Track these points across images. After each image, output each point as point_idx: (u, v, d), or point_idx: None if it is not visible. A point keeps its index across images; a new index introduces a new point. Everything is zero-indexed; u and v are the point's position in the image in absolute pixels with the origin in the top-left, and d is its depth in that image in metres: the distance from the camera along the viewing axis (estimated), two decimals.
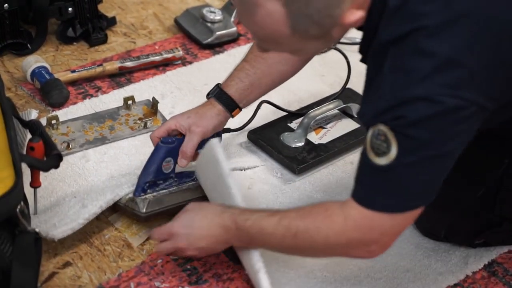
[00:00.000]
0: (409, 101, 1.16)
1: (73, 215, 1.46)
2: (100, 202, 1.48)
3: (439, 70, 1.16)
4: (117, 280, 1.42)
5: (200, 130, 1.52)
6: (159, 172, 1.52)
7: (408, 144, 1.18)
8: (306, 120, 1.72)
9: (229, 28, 2.05)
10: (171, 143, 1.51)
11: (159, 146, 1.52)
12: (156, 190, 1.53)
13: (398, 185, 1.22)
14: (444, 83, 1.16)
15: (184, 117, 1.54)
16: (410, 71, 1.17)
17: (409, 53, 1.17)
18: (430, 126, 1.17)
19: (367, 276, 1.46)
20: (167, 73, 1.92)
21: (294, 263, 1.46)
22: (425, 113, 1.16)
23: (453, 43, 1.16)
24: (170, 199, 1.53)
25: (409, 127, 1.17)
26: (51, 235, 1.41)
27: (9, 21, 1.89)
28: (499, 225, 1.47)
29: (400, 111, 1.17)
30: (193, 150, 1.52)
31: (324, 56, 2.01)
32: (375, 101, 1.22)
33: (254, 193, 1.61)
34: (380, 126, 1.19)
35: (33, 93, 1.82)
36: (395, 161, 1.19)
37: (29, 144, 1.38)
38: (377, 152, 1.20)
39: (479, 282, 1.48)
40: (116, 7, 2.17)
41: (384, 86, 1.20)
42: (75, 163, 1.63)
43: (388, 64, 1.20)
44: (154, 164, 1.52)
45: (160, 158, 1.51)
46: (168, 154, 1.52)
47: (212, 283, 1.43)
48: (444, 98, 1.15)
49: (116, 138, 1.71)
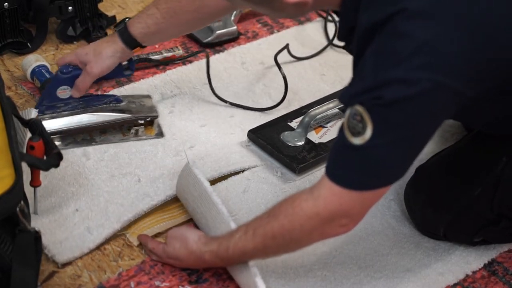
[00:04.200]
0: (387, 83, 1.18)
1: (78, 239, 1.46)
2: (105, 231, 1.47)
3: (416, 53, 1.17)
4: (117, 279, 1.42)
5: (95, 71, 1.64)
6: (53, 97, 1.66)
7: (383, 125, 1.20)
8: (307, 119, 1.72)
9: (229, 27, 2.05)
10: (66, 73, 1.66)
11: (56, 75, 1.68)
12: (57, 112, 1.66)
13: (370, 165, 1.24)
14: (421, 65, 1.17)
15: (83, 54, 1.65)
16: (389, 53, 1.19)
17: (388, 36, 1.19)
18: (405, 107, 1.19)
19: (367, 275, 1.46)
20: (167, 72, 1.92)
21: (293, 263, 1.46)
22: (400, 94, 1.18)
23: (431, 26, 1.18)
24: (69, 120, 1.66)
25: (385, 108, 1.19)
26: (56, 259, 1.42)
27: (9, 20, 1.89)
28: (497, 223, 1.47)
29: (377, 92, 1.19)
30: (86, 87, 1.67)
31: (324, 56, 2.01)
32: (355, 83, 1.24)
33: (253, 193, 1.61)
34: (357, 106, 1.21)
35: (33, 92, 1.82)
36: (369, 142, 1.21)
37: (29, 143, 1.38)
38: (353, 132, 1.22)
39: (479, 282, 1.48)
40: (116, 6, 2.16)
41: (365, 68, 1.22)
42: (75, 162, 1.63)
43: (371, 48, 1.22)
44: (48, 91, 1.67)
45: (54, 86, 1.66)
46: (63, 82, 1.66)
47: (212, 282, 1.43)
48: (420, 80, 1.17)
49: (105, 141, 1.69)
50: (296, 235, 1.31)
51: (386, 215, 1.58)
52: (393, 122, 1.20)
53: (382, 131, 1.20)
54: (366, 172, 1.25)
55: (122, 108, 1.71)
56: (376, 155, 1.22)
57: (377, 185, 1.26)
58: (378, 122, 1.20)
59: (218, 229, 1.41)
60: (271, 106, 1.82)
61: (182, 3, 1.61)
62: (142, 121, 1.71)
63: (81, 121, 1.67)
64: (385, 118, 1.20)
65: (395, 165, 1.25)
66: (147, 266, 1.44)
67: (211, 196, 1.44)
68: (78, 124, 1.66)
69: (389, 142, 1.21)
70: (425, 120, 1.22)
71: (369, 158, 1.23)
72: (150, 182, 1.59)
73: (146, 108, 1.73)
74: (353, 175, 1.25)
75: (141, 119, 1.71)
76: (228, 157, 1.68)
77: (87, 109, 1.68)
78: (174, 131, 1.74)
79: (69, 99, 1.67)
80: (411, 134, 1.22)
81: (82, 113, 1.67)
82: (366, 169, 1.24)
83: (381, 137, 1.21)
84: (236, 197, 1.59)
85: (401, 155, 1.24)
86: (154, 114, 1.73)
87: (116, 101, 1.72)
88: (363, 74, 1.22)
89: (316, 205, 1.28)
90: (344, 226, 1.30)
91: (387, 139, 1.21)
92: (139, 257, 1.46)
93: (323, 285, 1.43)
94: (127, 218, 1.51)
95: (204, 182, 1.46)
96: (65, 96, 1.66)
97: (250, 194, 1.61)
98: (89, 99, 1.70)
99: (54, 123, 1.64)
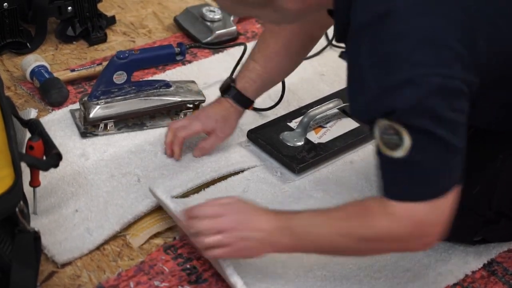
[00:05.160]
0: (395, 88, 1.17)
1: (78, 240, 1.46)
2: (105, 232, 1.47)
3: (415, 51, 1.16)
4: (117, 279, 1.42)
5: (224, 136, 1.67)
6: (109, 82, 1.67)
7: (416, 131, 1.18)
8: (306, 119, 1.72)
9: (228, 27, 2.05)
10: (122, 58, 1.66)
11: (112, 60, 1.68)
12: (111, 97, 1.68)
13: (423, 172, 1.22)
14: (423, 63, 1.16)
15: (212, 122, 1.64)
16: (388, 56, 1.18)
17: (383, 38, 1.18)
18: (425, 108, 1.17)
19: (367, 275, 1.46)
20: (166, 72, 1.92)
21: (293, 263, 1.46)
22: (414, 97, 1.16)
23: (424, 23, 1.17)
24: (123, 106, 1.69)
25: (408, 115, 1.17)
26: (56, 259, 1.42)
27: (8, 20, 1.89)
28: (496, 222, 1.47)
29: (390, 101, 1.17)
30: (212, 149, 1.67)
31: (324, 55, 2.01)
32: (362, 94, 1.22)
33: (253, 193, 1.61)
34: (383, 121, 1.19)
35: (32, 92, 1.82)
36: (411, 150, 1.19)
37: (29, 143, 1.38)
38: (391, 146, 1.20)
39: (479, 282, 1.48)
40: (116, 6, 2.16)
41: (366, 76, 1.20)
42: (74, 162, 1.63)
43: (365, 51, 1.20)
44: (105, 76, 1.68)
45: (111, 71, 1.67)
46: (119, 68, 1.67)
47: (212, 282, 1.43)
48: (426, 78, 1.16)
49: (155, 125, 1.74)
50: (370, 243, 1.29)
51: None
52: (423, 124, 1.18)
53: (418, 136, 1.18)
54: (423, 180, 1.22)
55: (171, 93, 1.75)
56: (424, 159, 1.20)
57: (442, 189, 1.23)
58: (410, 129, 1.18)
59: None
60: (270, 106, 1.82)
61: (271, 46, 1.63)
62: (191, 105, 1.76)
63: (134, 106, 1.70)
64: (413, 124, 1.17)
65: (447, 163, 1.22)
66: (147, 266, 1.44)
67: (175, 215, 1.45)
68: (131, 109, 1.70)
69: (430, 144, 1.19)
70: (450, 112, 1.19)
71: (419, 165, 1.21)
72: (150, 182, 1.59)
73: (194, 92, 1.78)
74: (414, 187, 1.23)
75: (190, 103, 1.76)
76: (227, 157, 1.68)
77: (139, 94, 1.71)
78: None
79: (123, 84, 1.69)
80: (446, 129, 1.19)
81: (135, 98, 1.70)
82: (422, 177, 1.22)
83: (421, 141, 1.18)
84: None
85: (448, 152, 1.21)
86: (201, 98, 1.77)
87: (166, 86, 1.75)
88: (367, 82, 1.20)
89: (390, 225, 1.25)
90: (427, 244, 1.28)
91: (426, 142, 1.19)
92: (139, 257, 1.46)
93: (323, 285, 1.43)
94: (127, 220, 1.50)
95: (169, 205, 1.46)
96: (120, 81, 1.68)
97: (250, 194, 1.60)
98: (140, 84, 1.73)
99: (109, 108, 1.68)
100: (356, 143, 1.74)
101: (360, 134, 1.74)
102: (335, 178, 1.67)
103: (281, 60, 1.65)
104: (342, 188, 1.64)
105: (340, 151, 1.71)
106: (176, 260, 1.46)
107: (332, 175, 1.68)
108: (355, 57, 1.23)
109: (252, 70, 1.65)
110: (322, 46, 2.03)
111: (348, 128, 1.76)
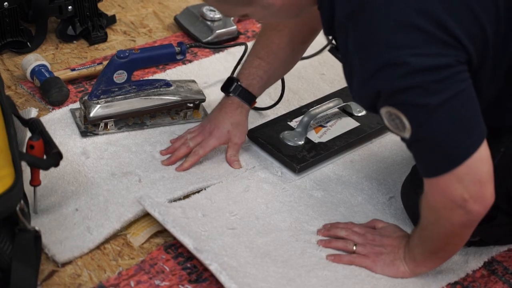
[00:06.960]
0: (376, 72, 1.23)
1: (78, 239, 1.46)
2: (105, 231, 1.47)
3: (391, 35, 1.22)
4: (117, 278, 1.42)
5: (241, 141, 1.68)
6: (110, 82, 1.67)
7: (408, 109, 1.25)
8: (306, 119, 1.72)
9: (228, 26, 2.05)
10: (123, 58, 1.66)
11: (112, 60, 1.67)
12: (111, 96, 1.68)
13: (435, 145, 1.27)
14: (402, 45, 1.22)
15: (224, 132, 1.65)
16: (368, 42, 1.24)
17: (362, 25, 1.24)
18: (409, 86, 1.22)
19: (368, 275, 1.45)
20: (167, 72, 1.92)
21: (294, 263, 1.46)
22: (395, 77, 1.22)
23: (401, 8, 1.22)
24: (123, 105, 1.69)
25: (395, 96, 1.24)
26: (56, 258, 1.41)
27: (9, 19, 1.89)
28: (493, 218, 1.46)
29: (375, 84, 1.24)
30: (237, 154, 1.68)
31: (324, 55, 2.01)
32: (355, 80, 1.29)
33: (253, 192, 1.61)
34: (383, 109, 1.26)
35: (33, 91, 1.82)
36: (414, 130, 1.25)
37: (29, 143, 1.38)
38: (400, 130, 1.28)
39: (479, 281, 1.48)
40: (116, 6, 2.17)
41: (354, 62, 1.27)
42: (74, 161, 1.63)
43: (351, 39, 1.26)
44: (105, 75, 1.67)
45: (111, 71, 1.66)
46: (120, 67, 1.66)
47: (212, 281, 1.42)
48: (406, 58, 1.21)
49: (155, 125, 1.74)
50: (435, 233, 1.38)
51: (386, 213, 1.58)
52: (414, 102, 1.23)
53: (414, 114, 1.24)
54: (439, 153, 1.27)
55: (172, 92, 1.75)
56: (431, 132, 1.25)
57: (461, 156, 1.27)
58: (404, 109, 1.24)
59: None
60: (270, 105, 1.82)
61: (275, 42, 1.66)
62: (191, 104, 1.76)
63: (134, 105, 1.70)
64: (405, 103, 1.24)
65: (454, 131, 1.26)
66: (147, 266, 1.44)
67: (166, 225, 1.46)
68: (132, 108, 1.70)
69: (428, 118, 1.24)
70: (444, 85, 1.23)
71: (428, 141, 1.27)
72: (150, 183, 1.59)
73: (194, 91, 1.78)
74: (434, 162, 1.28)
75: (190, 102, 1.76)
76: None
77: (139, 94, 1.71)
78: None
79: (123, 83, 1.68)
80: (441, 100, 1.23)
81: (135, 97, 1.71)
82: (437, 150, 1.27)
83: (418, 119, 1.24)
84: (237, 197, 1.59)
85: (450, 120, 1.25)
86: (202, 97, 1.77)
87: (166, 85, 1.75)
88: (354, 68, 1.27)
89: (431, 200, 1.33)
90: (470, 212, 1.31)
91: (423, 118, 1.24)
92: (139, 256, 1.46)
93: (324, 285, 1.43)
94: (127, 218, 1.50)
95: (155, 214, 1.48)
96: (121, 80, 1.68)
97: (250, 193, 1.60)
98: (140, 83, 1.72)
99: (109, 107, 1.68)
100: (357, 142, 1.74)
101: (361, 133, 1.74)
102: (335, 178, 1.67)
103: (286, 55, 1.68)
104: (343, 187, 1.64)
105: (340, 150, 1.72)
106: (176, 259, 1.46)
107: (333, 175, 1.68)
108: (344, 46, 1.29)
109: (258, 67, 1.67)
110: (322, 45, 2.03)
111: (349, 128, 1.76)
